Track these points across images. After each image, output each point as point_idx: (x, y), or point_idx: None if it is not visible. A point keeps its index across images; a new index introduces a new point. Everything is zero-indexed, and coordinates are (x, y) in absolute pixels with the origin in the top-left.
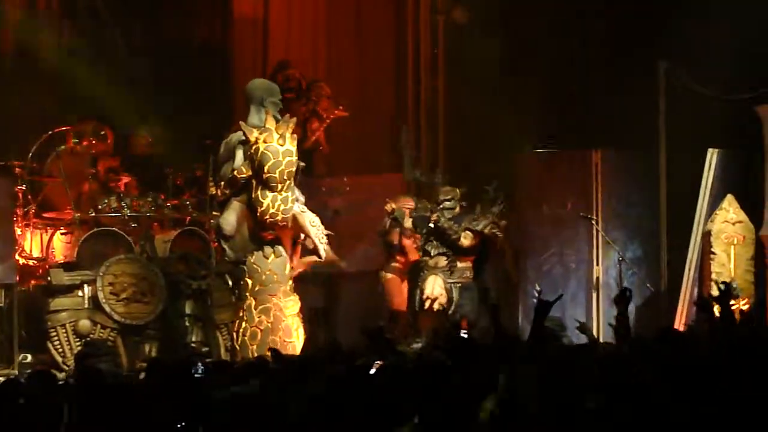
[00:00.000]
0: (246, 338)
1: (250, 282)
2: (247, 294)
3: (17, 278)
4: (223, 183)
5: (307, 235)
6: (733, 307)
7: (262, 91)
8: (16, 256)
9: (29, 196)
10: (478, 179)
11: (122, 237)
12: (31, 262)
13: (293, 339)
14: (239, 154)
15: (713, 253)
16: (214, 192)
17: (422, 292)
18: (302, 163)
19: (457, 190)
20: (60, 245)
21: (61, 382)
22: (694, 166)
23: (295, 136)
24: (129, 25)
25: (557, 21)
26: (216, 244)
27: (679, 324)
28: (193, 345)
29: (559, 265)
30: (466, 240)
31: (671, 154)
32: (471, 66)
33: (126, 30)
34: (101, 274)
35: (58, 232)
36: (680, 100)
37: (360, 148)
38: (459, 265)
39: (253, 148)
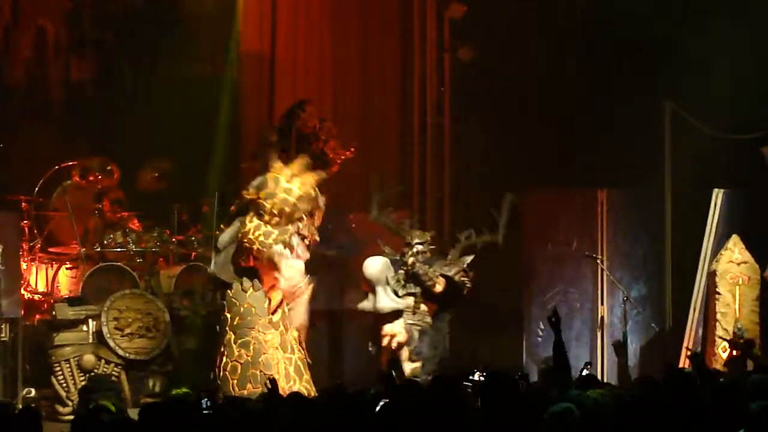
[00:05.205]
0: (227, 372)
1: (229, 316)
2: (227, 328)
3: (22, 312)
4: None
5: (277, 270)
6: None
7: (387, 271)
8: (22, 291)
9: (35, 231)
10: (484, 216)
11: (127, 272)
12: (36, 297)
13: (273, 372)
14: (261, 178)
15: (718, 293)
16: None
17: (382, 328)
18: (317, 238)
19: (428, 235)
20: (65, 280)
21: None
22: (700, 206)
23: (308, 185)
24: (136, 60)
25: (563, 61)
26: None
27: (684, 363)
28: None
29: (563, 303)
30: (440, 286)
31: (676, 193)
32: (476, 104)
33: (133, 65)
34: (106, 309)
35: (64, 267)
36: (686, 140)
37: (365, 185)
38: (422, 307)
39: (268, 174)
